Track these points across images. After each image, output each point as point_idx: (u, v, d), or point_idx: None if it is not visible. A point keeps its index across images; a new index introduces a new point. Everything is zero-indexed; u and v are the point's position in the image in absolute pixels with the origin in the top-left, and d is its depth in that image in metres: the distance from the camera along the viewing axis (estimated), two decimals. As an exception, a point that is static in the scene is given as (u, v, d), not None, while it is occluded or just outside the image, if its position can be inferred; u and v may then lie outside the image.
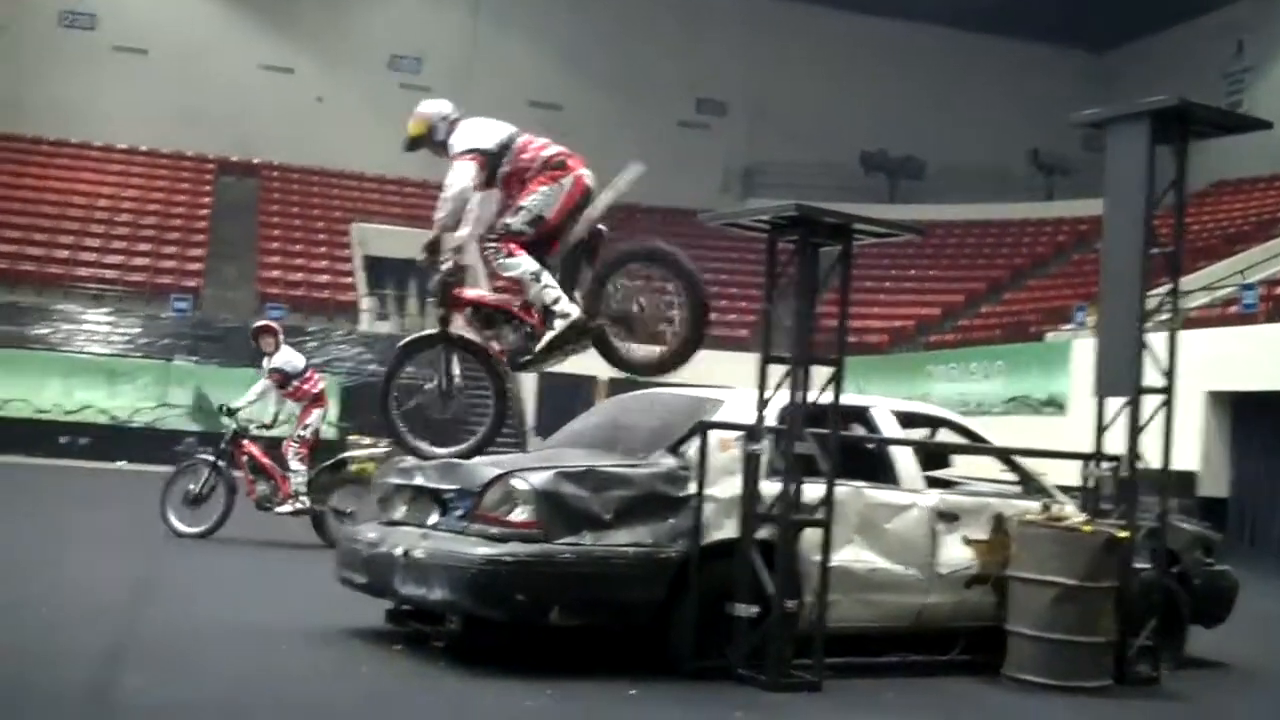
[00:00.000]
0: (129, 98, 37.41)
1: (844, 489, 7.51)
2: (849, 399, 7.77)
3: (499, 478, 7.13)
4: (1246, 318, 22.26)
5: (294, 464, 13.05)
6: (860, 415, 8.34)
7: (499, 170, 8.07)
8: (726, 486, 7.31)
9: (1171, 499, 8.61)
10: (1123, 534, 7.91)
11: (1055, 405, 24.57)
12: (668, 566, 7.09)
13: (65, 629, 7.48)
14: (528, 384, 31.24)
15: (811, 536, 7.25)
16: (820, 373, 7.37)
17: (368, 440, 23.05)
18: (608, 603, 7.02)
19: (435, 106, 8.64)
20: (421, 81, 39.99)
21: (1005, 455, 8.95)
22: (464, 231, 8.05)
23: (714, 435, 7.34)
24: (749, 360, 8.09)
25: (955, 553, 8.02)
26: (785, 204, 7.52)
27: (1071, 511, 8.14)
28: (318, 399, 13.56)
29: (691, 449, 7.34)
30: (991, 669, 7.85)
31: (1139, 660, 8.07)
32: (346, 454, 13.61)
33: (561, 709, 6.28)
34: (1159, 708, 7.60)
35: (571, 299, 7.71)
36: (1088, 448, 8.52)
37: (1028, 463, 8.84)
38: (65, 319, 29.91)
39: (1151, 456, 8.29)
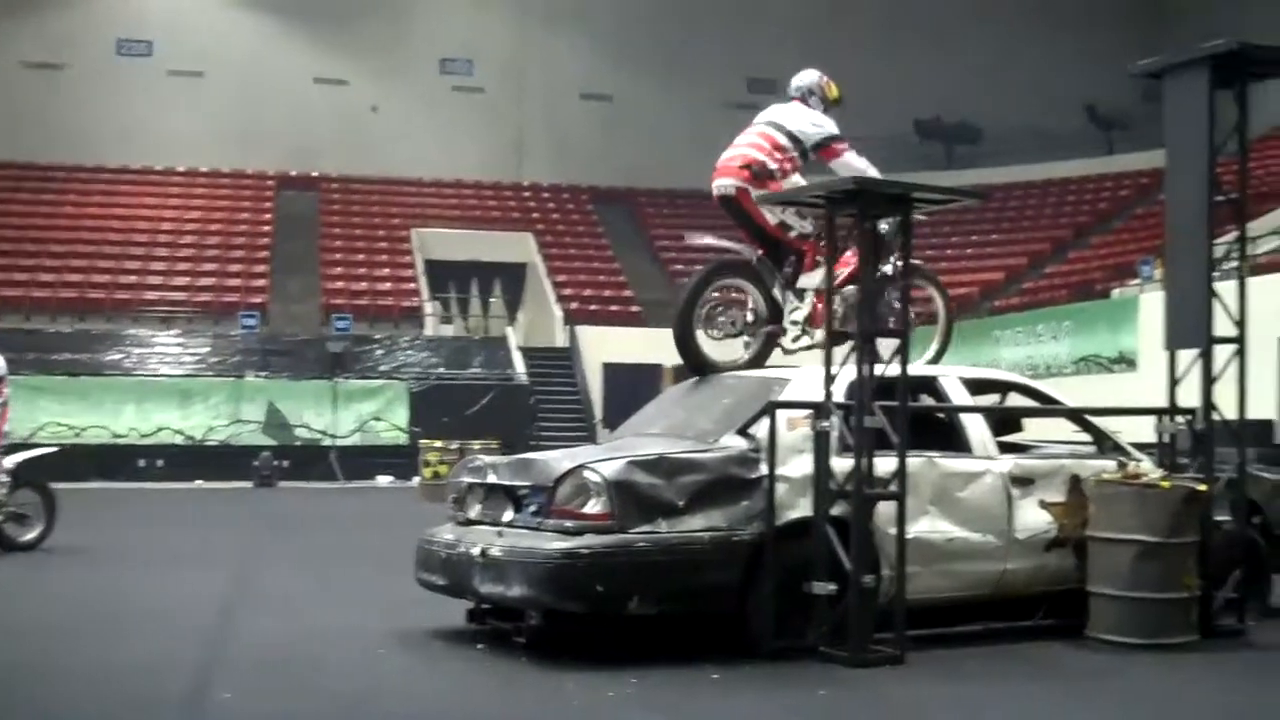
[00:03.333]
0: (187, 120, 37.88)
1: (916, 460, 7.47)
2: (916, 369, 7.73)
3: (571, 471, 7.15)
4: (1318, 260, 21.87)
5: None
6: (929, 385, 8.29)
7: None
8: (798, 465, 7.30)
9: (1249, 449, 8.49)
10: (1201, 487, 7.82)
11: (1126, 362, 24.26)
12: (744, 549, 7.09)
13: (152, 646, 7.59)
14: (594, 375, 31.39)
15: (886, 510, 7.23)
16: (886, 345, 7.34)
17: (439, 444, 23.32)
18: (686, 589, 7.03)
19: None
20: (474, 83, 40.25)
21: (1077, 415, 8.87)
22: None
23: (782, 415, 7.32)
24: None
25: (1032, 517, 7.96)
26: (842, 179, 7.48)
27: (1148, 468, 8.06)
28: (4, 405, 12.99)
29: (761, 430, 7.33)
30: (1075, 632, 7.79)
31: (1224, 613, 8.01)
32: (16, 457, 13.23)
33: (645, 697, 6.29)
34: (1247, 659, 7.52)
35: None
36: (1161, 403, 8.43)
37: (1102, 421, 8.75)
38: (136, 343, 30.33)
39: (1226, 407, 8.19)
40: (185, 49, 38.62)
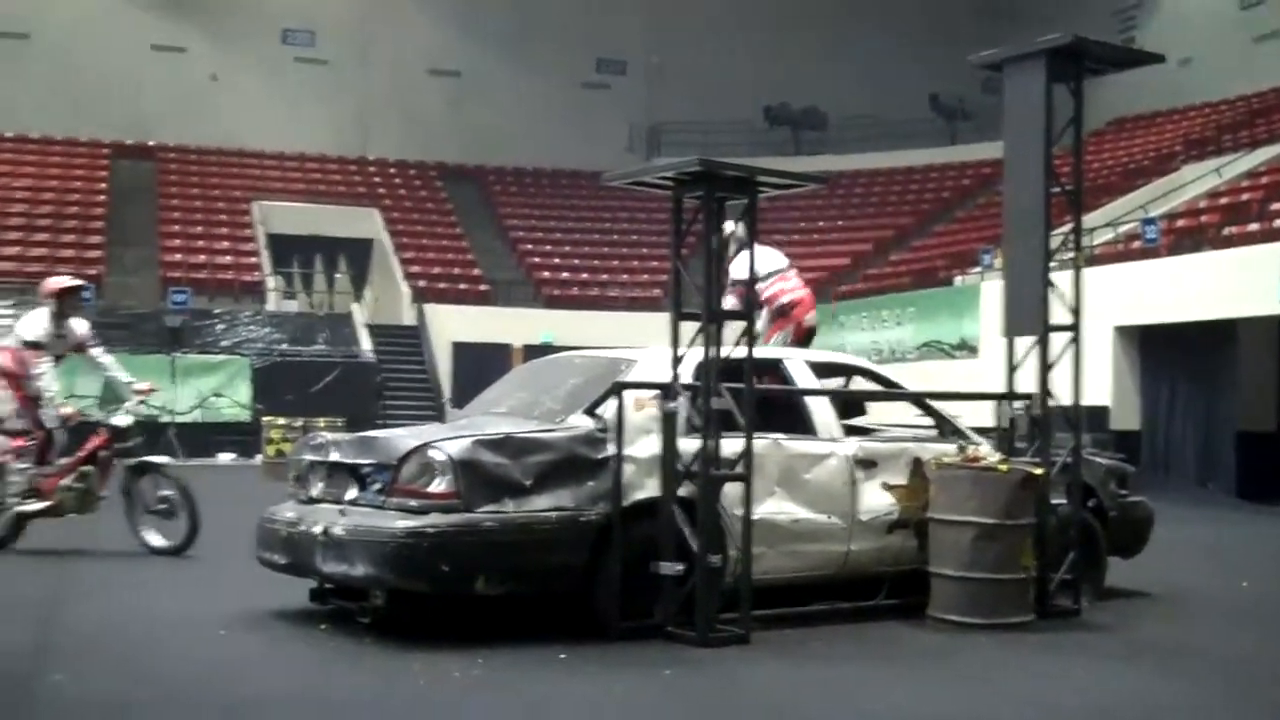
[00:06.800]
0: (13, 85, 36.44)
1: (762, 442, 7.53)
2: (763, 352, 7.79)
3: (416, 449, 7.07)
4: (1149, 252, 22.59)
5: None
6: (775, 368, 8.36)
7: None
8: (645, 446, 7.30)
9: (1085, 434, 8.73)
10: (1038, 471, 8.01)
11: (967, 348, 24.84)
12: (590, 529, 7.08)
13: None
14: (442, 354, 31.13)
15: (732, 491, 7.27)
16: (733, 327, 7.37)
17: (282, 421, 22.94)
18: (532, 569, 7.01)
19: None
20: (316, 55, 39.52)
21: (919, 399, 9.03)
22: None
23: (630, 395, 7.32)
24: (660, 320, 8.07)
25: (875, 499, 8.08)
26: (688, 159, 7.49)
27: (987, 452, 8.23)
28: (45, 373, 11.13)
29: (608, 410, 7.32)
30: (917, 611, 7.93)
31: (1060, 594, 8.22)
32: None
33: (491, 678, 6.25)
34: (1081, 639, 7.71)
35: None
36: (1000, 388, 8.61)
37: (943, 406, 8.92)
38: (-37, 314, 29.21)
39: (1063, 393, 8.40)
40: (8, 9, 37.14)
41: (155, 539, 10.66)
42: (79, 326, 11.37)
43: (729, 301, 9.52)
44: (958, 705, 6.14)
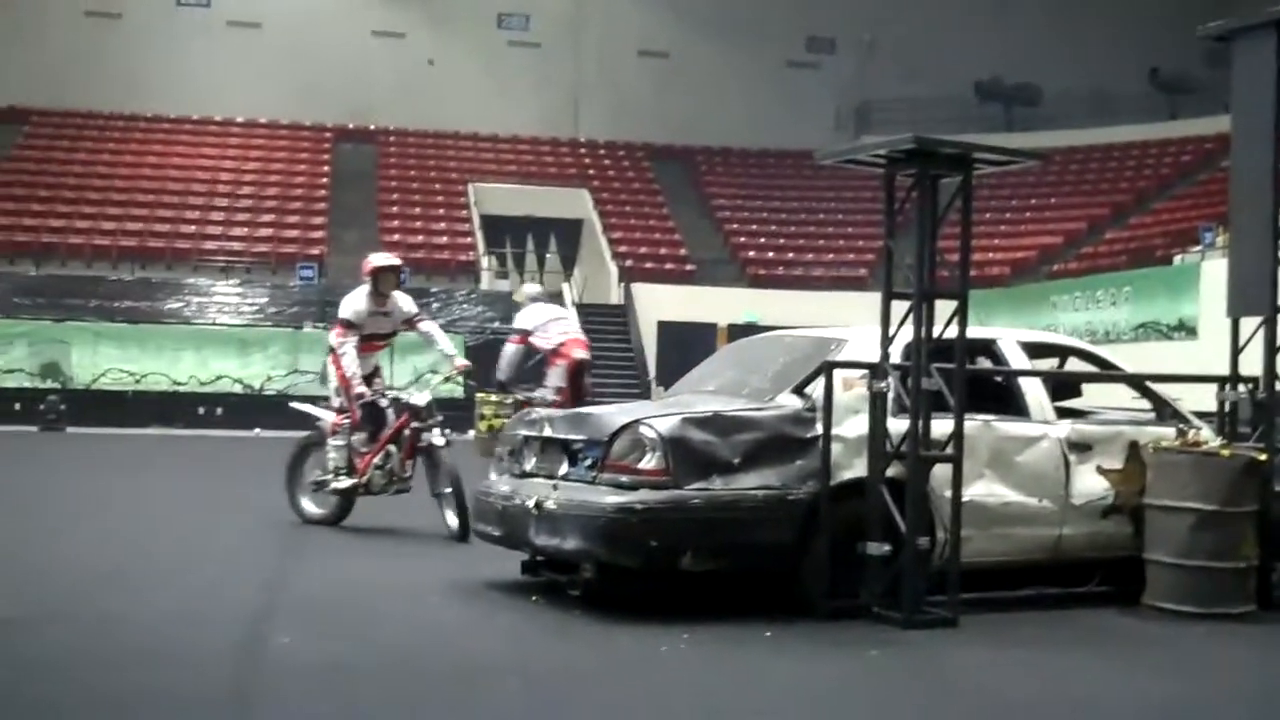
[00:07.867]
0: (245, 72, 38.05)
1: (973, 423, 7.43)
2: (974, 332, 7.69)
3: (627, 426, 7.17)
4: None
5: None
6: (986, 348, 8.24)
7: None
8: (853, 426, 7.29)
9: (1312, 419, 8.39)
10: (1262, 457, 7.74)
11: (1186, 329, 24.04)
12: (797, 508, 7.10)
13: (214, 591, 7.71)
14: (648, 333, 31.39)
15: (941, 472, 7.20)
16: (943, 307, 7.30)
17: (494, 397, 23.44)
18: (739, 546, 7.06)
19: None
20: (530, 38, 40.18)
21: (1137, 381, 8.80)
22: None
23: (838, 375, 7.31)
24: (866, 300, 8.03)
25: (1089, 483, 7.92)
26: (903, 137, 7.42)
27: (1208, 436, 7.99)
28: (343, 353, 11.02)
29: (817, 389, 7.32)
30: (1131, 599, 7.75)
31: (1283, 585, 7.92)
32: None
33: (698, 653, 6.33)
34: (1306, 632, 7.46)
35: None
36: (1221, 371, 8.34)
37: (1161, 388, 8.68)
38: (195, 292, 30.63)
39: (1289, 377, 8.09)
40: (244, 1, 38.77)
41: (452, 520, 10.10)
42: (405, 303, 11.28)
43: (509, 349, 13.60)
44: (1171, 696, 6.00)
